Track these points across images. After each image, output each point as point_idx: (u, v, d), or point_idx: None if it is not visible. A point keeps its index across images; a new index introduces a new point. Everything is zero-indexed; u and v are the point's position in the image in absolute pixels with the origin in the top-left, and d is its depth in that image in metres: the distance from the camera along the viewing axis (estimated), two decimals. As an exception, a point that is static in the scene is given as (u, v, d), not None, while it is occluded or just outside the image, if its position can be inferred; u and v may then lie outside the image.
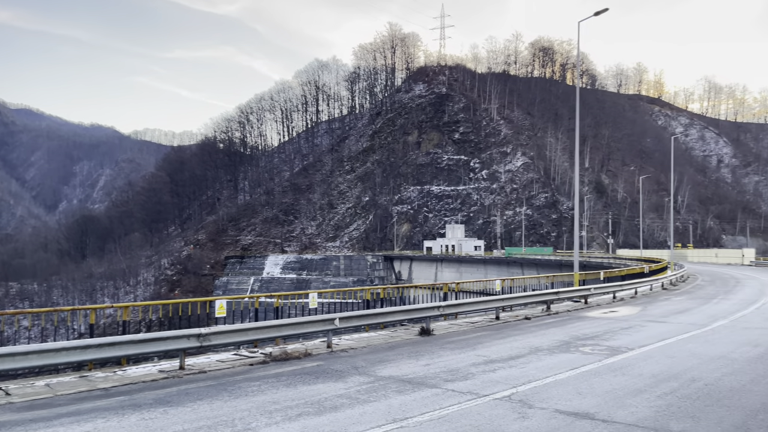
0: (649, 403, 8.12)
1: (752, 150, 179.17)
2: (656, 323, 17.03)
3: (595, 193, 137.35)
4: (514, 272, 79.86)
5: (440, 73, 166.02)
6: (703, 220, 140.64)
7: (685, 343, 13.32)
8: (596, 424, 7.17)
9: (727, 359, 11.40)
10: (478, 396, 8.56)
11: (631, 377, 9.80)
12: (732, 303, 22.97)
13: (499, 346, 13.19)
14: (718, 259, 76.66)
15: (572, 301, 23.22)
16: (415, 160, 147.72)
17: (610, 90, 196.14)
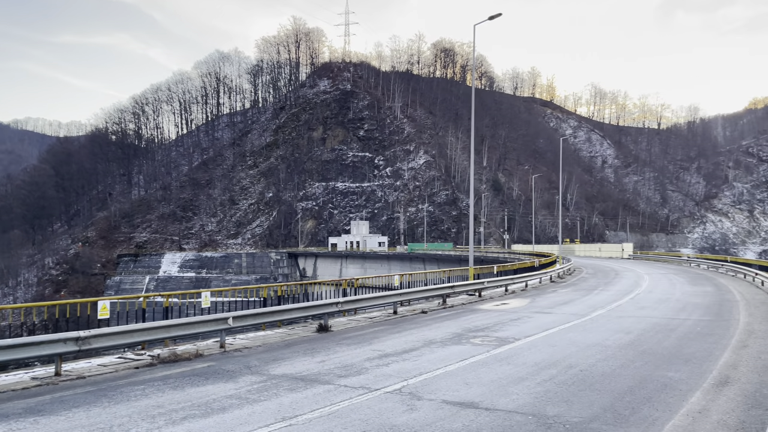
0: (529, 390, 8.58)
1: (632, 152, 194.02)
2: (542, 314, 18.02)
3: (492, 191, 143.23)
4: (417, 267, 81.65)
5: (345, 69, 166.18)
6: (590, 217, 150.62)
7: (566, 333, 14.20)
8: (479, 413, 7.47)
9: (601, 346, 12.27)
10: (370, 390, 8.66)
11: (515, 366, 10.31)
12: (610, 294, 24.77)
13: (394, 340, 13.41)
14: (602, 253, 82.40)
15: (467, 295, 24.05)
16: (320, 156, 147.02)
17: (507, 92, 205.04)
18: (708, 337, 13.39)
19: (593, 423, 7.02)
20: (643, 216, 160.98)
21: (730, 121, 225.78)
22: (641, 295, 23.75)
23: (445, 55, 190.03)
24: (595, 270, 43.63)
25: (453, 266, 50.45)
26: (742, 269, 35.00)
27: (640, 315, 17.53)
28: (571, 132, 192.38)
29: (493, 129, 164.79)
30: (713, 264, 45.52)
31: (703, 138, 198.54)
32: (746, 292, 24.71)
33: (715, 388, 8.76)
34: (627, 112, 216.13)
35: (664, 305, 20.13)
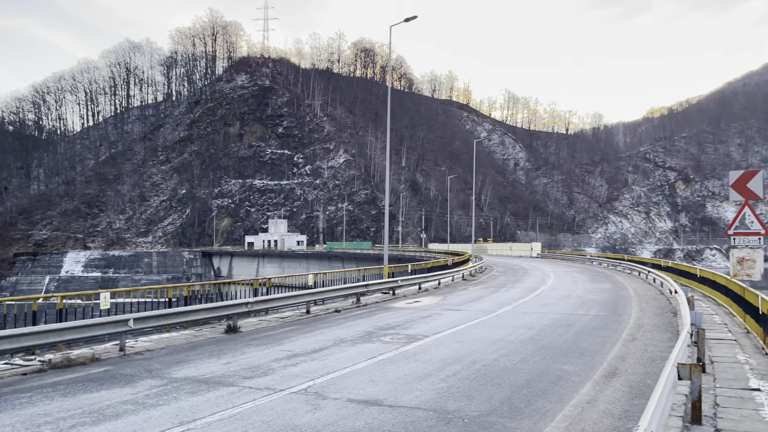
0: (433, 386, 8.78)
1: (542, 155, 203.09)
2: (452, 311, 18.49)
3: (410, 191, 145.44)
4: (336, 266, 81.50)
5: (264, 65, 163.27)
6: (502, 217, 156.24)
7: (473, 329, 14.65)
8: (383, 410, 7.56)
9: (505, 341, 12.75)
10: (275, 391, 8.56)
11: (422, 363, 10.51)
12: (518, 291, 25.80)
13: (305, 339, 13.32)
14: (512, 252, 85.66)
15: (382, 293, 24.28)
16: (236, 153, 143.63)
17: (426, 94, 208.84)
18: (602, 331, 14.23)
19: (490, 416, 7.28)
20: (551, 216, 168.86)
21: (630, 129, 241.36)
22: (545, 292, 24.89)
23: (366, 55, 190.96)
24: (505, 268, 45.27)
25: (371, 265, 50.82)
26: (637, 267, 37.45)
27: (543, 311, 18.37)
28: (485, 135, 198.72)
29: (412, 130, 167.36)
30: (613, 262, 48.42)
31: (606, 144, 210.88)
32: (639, 289, 26.46)
33: (605, 379, 9.32)
34: (538, 118, 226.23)
35: (566, 302, 21.20)
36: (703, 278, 23.70)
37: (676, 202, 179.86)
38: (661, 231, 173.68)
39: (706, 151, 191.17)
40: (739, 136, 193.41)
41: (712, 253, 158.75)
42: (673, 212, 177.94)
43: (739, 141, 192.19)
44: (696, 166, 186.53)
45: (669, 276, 26.72)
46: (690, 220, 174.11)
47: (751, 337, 13.20)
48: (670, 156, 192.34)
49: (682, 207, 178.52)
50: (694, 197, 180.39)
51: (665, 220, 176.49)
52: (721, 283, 19.31)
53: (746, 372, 9.85)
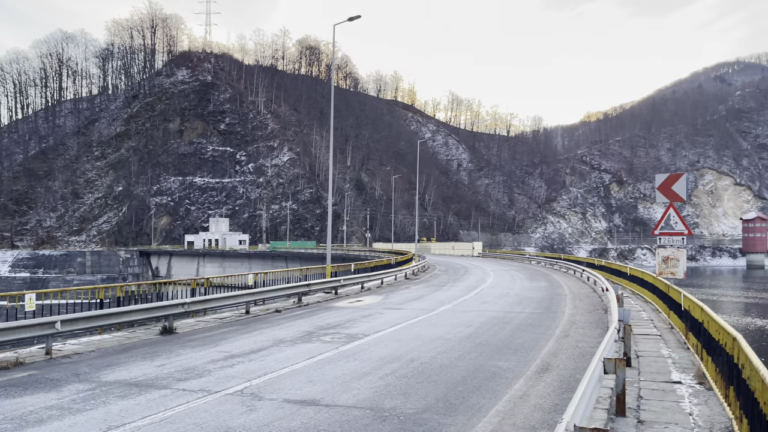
0: (370, 385, 8.82)
1: (484, 157, 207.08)
2: (394, 310, 18.62)
3: (355, 190, 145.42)
4: (279, 266, 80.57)
5: (205, 60, 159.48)
6: (445, 217, 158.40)
7: (413, 327, 14.81)
8: (319, 409, 7.54)
9: (443, 339, 12.95)
10: (210, 393, 8.39)
11: (361, 362, 10.54)
12: (458, 289, 26.24)
13: (243, 340, 13.12)
14: (455, 251, 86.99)
15: (324, 293, 24.18)
16: (176, 149, 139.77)
17: (371, 94, 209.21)
18: (537, 328, 14.66)
19: (425, 413, 7.38)
20: (492, 216, 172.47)
21: (568, 132, 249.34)
22: (485, 291, 25.42)
23: (311, 52, 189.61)
24: (447, 267, 45.93)
25: (315, 264, 50.51)
26: (573, 266, 38.75)
27: (482, 309, 18.75)
28: (430, 136, 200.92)
29: (357, 129, 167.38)
30: (550, 261, 49.92)
31: (546, 146, 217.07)
32: (574, 287, 27.40)
33: (537, 374, 9.61)
34: (480, 119, 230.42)
35: (504, 300, 21.72)
36: (633, 276, 24.77)
37: (610, 203, 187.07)
38: (597, 231, 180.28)
39: (638, 154, 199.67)
40: (668, 141, 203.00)
41: (643, 252, 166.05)
42: (607, 213, 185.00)
43: (668, 145, 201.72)
44: (629, 169, 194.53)
45: (602, 274, 27.78)
46: (623, 221, 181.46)
47: (674, 333, 13.89)
48: (605, 159, 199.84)
49: (615, 208, 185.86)
50: (627, 199, 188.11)
51: (600, 221, 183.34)
52: (648, 281, 20.23)
53: (669, 366, 10.36)
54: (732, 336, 6.69)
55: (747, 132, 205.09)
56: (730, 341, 6.80)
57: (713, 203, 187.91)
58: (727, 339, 7.03)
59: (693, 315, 10.85)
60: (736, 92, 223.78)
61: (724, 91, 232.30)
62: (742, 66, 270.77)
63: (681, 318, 12.85)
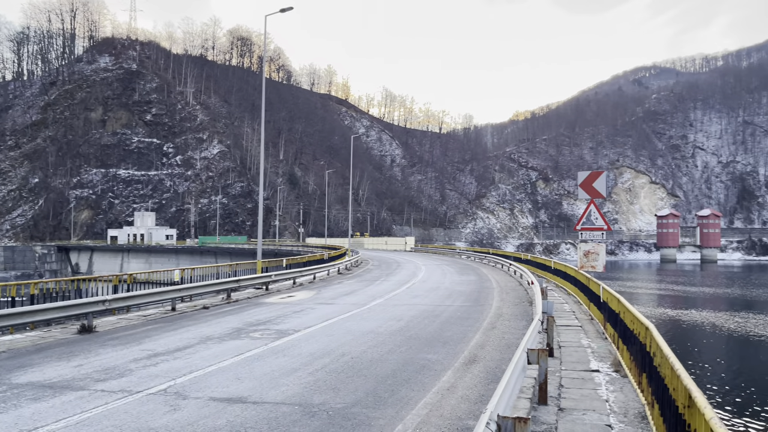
0: (300, 381, 8.74)
1: (417, 153, 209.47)
2: (326, 305, 18.54)
3: (288, 185, 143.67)
4: (208, 261, 78.54)
5: (130, 47, 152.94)
6: (379, 212, 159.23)
7: (345, 322, 14.80)
8: (246, 407, 7.40)
9: (374, 333, 13.01)
10: (131, 393, 8.07)
11: (290, 357, 10.43)
12: (390, 284, 26.43)
13: (168, 338, 12.70)
14: (388, 246, 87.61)
15: (255, 288, 23.78)
16: (99, 140, 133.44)
17: (305, 87, 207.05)
18: (466, 321, 14.98)
19: (355, 407, 7.39)
20: (425, 212, 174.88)
21: (498, 130, 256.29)
22: (416, 285, 25.74)
23: (242, 43, 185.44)
24: (380, 262, 46.19)
25: (246, 260, 49.56)
26: (501, 260, 39.87)
27: (413, 303, 18.98)
28: (363, 131, 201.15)
29: (290, 123, 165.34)
30: (479, 256, 51.15)
31: (476, 143, 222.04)
32: (501, 281, 28.19)
33: (465, 366, 9.82)
34: (413, 116, 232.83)
35: (434, 293, 22.07)
36: (557, 270, 25.75)
37: (536, 199, 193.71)
38: (524, 226, 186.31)
39: (563, 153, 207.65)
40: (590, 140, 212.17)
41: (566, 246, 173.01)
42: (534, 209, 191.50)
43: (590, 144, 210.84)
44: (554, 167, 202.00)
45: (528, 268, 28.73)
46: (549, 217, 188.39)
47: (594, 323, 14.55)
48: (532, 157, 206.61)
49: (541, 204, 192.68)
50: (552, 195, 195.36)
51: (527, 217, 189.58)
52: (571, 274, 21.09)
53: (588, 355, 10.84)
54: (645, 325, 7.06)
55: (662, 133, 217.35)
56: (643, 330, 7.18)
57: (631, 200, 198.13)
58: (641, 328, 7.42)
59: (611, 306, 11.39)
60: (653, 95, 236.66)
61: (641, 93, 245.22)
62: (658, 70, 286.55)
63: (600, 309, 13.47)
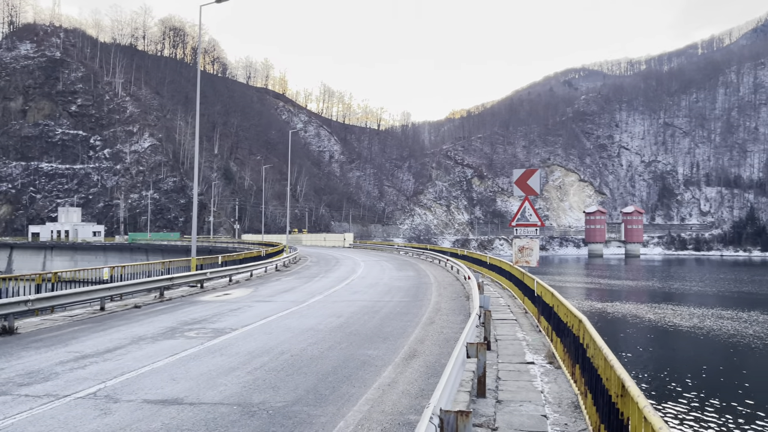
0: (238, 380, 8.55)
1: (356, 149, 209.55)
2: (264, 303, 18.26)
3: (223, 180, 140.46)
4: (139, 259, 75.86)
5: (54, 34, 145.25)
6: (317, 208, 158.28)
7: (284, 319, 14.61)
8: (182, 408, 7.18)
9: (314, 330, 12.91)
10: (58, 398, 7.66)
11: (228, 357, 10.20)
12: (329, 280, 26.32)
13: (97, 339, 12.15)
14: (326, 242, 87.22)
15: (189, 286, 23.12)
16: (18, 131, 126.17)
17: (240, 81, 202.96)
18: (405, 316, 15.10)
19: (295, 406, 7.30)
20: (363, 208, 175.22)
21: (435, 128, 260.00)
22: (355, 281, 25.75)
23: (175, 34, 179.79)
24: (318, 258, 45.93)
25: (179, 257, 48.13)
26: (438, 256, 40.46)
27: (353, 299, 18.97)
28: (301, 126, 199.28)
29: (226, 117, 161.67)
30: (417, 252, 51.72)
31: (414, 140, 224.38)
32: (439, 276, 28.62)
33: (405, 361, 9.89)
34: (352, 112, 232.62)
35: (374, 289, 22.14)
36: (492, 265, 26.37)
37: (472, 196, 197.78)
38: (459, 223, 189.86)
39: (497, 151, 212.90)
40: (523, 139, 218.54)
41: (500, 242, 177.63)
42: (469, 206, 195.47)
43: (523, 143, 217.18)
44: (489, 164, 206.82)
45: (464, 263, 29.28)
46: (483, 213, 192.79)
47: (528, 317, 14.99)
48: (468, 154, 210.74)
49: (477, 201, 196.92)
50: (487, 192, 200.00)
51: (463, 213, 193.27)
52: (506, 269, 21.65)
53: (524, 348, 11.15)
54: (578, 318, 7.32)
55: (590, 133, 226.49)
56: (577, 323, 7.44)
57: (561, 197, 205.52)
58: (574, 321, 7.69)
59: (545, 300, 11.76)
60: (582, 96, 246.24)
61: (571, 94, 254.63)
62: (586, 72, 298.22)
63: (534, 303, 13.88)
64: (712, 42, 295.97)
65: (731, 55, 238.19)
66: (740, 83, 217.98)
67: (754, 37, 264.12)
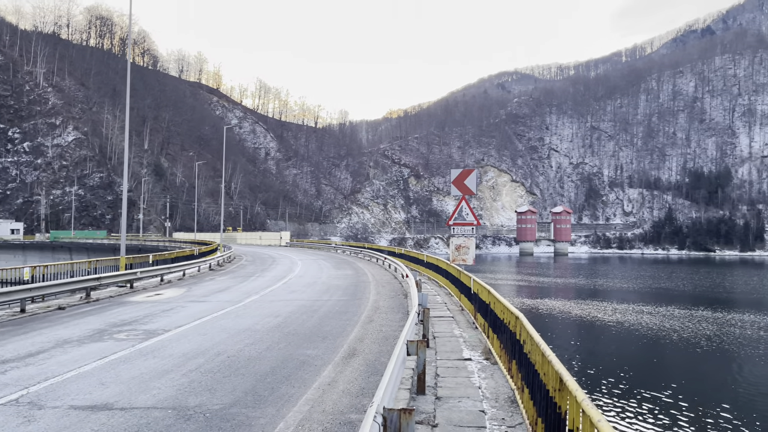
0: (173, 383, 8.28)
1: (292, 146, 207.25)
2: (198, 303, 17.76)
3: (154, 176, 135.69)
4: (62, 258, 72.19)
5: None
6: (252, 206, 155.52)
7: (219, 320, 14.27)
8: (113, 414, 6.88)
9: (251, 331, 12.67)
10: (-26, 407, 7.17)
11: (161, 359, 9.85)
12: (266, 279, 25.92)
13: (18, 343, 11.46)
14: (262, 241, 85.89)
15: (118, 287, 22.21)
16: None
17: (173, 74, 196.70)
18: (344, 315, 15.07)
19: (233, 408, 7.14)
20: (300, 206, 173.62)
21: (372, 127, 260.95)
22: (293, 280, 25.47)
23: (102, 23, 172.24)
24: (254, 257, 45.15)
25: (106, 256, 46.17)
26: (376, 254, 40.63)
27: (290, 298, 18.76)
28: (236, 122, 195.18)
29: (156, 111, 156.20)
30: (355, 250, 51.75)
31: (351, 139, 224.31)
32: (377, 274, 28.74)
33: (344, 360, 9.87)
34: (289, 109, 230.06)
35: (312, 288, 21.98)
36: (429, 263, 26.72)
37: (408, 195, 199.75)
38: (396, 221, 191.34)
39: (433, 151, 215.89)
40: (458, 140, 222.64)
41: (436, 241, 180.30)
42: (406, 205, 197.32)
43: (458, 144, 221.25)
44: (425, 164, 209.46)
45: (402, 262, 29.53)
46: (420, 212, 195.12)
47: (465, 314, 15.28)
48: (405, 154, 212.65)
49: (413, 200, 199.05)
50: (423, 192, 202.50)
51: (399, 212, 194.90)
52: (443, 267, 21.98)
53: (461, 344, 11.35)
54: (515, 315, 7.52)
55: (522, 135, 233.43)
56: (513, 320, 7.64)
57: (494, 197, 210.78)
58: (511, 318, 7.90)
59: (481, 297, 12.01)
60: (514, 99, 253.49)
61: (504, 97, 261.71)
62: (519, 76, 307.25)
63: (471, 300, 14.16)
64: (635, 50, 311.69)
65: (652, 64, 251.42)
66: (660, 90, 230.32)
67: (674, 47, 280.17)
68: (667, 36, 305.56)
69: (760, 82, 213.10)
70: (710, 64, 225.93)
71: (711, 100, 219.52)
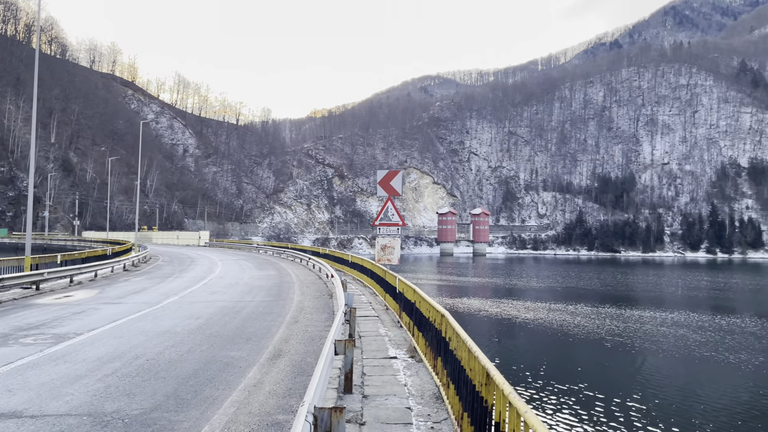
0: (87, 389, 7.89)
1: (212, 143, 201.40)
2: (112, 305, 16.97)
3: (61, 171, 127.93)
4: (-47, 258, 66.62)
5: None
6: (169, 204, 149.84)
7: (136, 322, 13.70)
8: (23, 422, 6.48)
9: (171, 333, 12.26)
10: None
11: (73, 364, 9.36)
12: (185, 280, 25.10)
13: None
14: (180, 240, 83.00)
15: (22, 288, 20.82)
16: None
17: (83, 64, 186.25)
18: (268, 316, 14.87)
19: (154, 412, 6.90)
20: (220, 205, 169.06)
21: (296, 126, 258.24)
22: (214, 281, 24.82)
23: (5, 7, 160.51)
24: (171, 257, 43.59)
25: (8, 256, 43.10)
26: (299, 255, 40.27)
27: (211, 300, 18.28)
28: (153, 117, 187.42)
29: (65, 102, 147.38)
30: (278, 250, 51.07)
31: (274, 137, 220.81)
32: (301, 275, 28.51)
33: (270, 361, 9.75)
34: (209, 105, 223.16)
35: (233, 289, 21.50)
36: (354, 263, 26.81)
37: (332, 195, 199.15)
38: (320, 222, 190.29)
39: (357, 151, 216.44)
40: (382, 141, 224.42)
41: (359, 241, 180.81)
42: (330, 205, 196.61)
43: (382, 145, 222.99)
44: (349, 165, 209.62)
45: (327, 262, 29.45)
46: (343, 213, 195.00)
47: (390, 313, 15.46)
48: (329, 154, 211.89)
49: (337, 200, 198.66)
50: (347, 192, 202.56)
51: (323, 212, 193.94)
52: (368, 267, 22.13)
53: (386, 343, 11.50)
54: (441, 313, 7.71)
55: (443, 138, 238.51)
56: (439, 318, 7.83)
57: (416, 199, 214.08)
58: (437, 316, 8.09)
59: (406, 296, 12.21)
60: (436, 103, 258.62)
61: (427, 101, 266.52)
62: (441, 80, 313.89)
63: (396, 300, 14.35)
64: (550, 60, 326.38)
65: (566, 73, 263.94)
66: (573, 99, 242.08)
67: (585, 58, 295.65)
68: (579, 47, 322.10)
69: (661, 94, 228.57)
70: (617, 76, 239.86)
71: (618, 110, 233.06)
